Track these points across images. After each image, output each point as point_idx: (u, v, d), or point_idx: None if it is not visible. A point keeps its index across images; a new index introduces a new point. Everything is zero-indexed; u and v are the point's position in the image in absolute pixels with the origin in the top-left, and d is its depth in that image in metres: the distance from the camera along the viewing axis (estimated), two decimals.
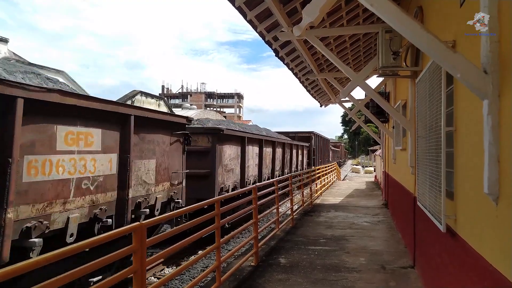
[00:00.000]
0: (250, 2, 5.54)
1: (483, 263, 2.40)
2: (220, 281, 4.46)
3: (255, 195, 5.92)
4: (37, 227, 3.93)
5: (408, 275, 5.28)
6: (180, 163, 7.22)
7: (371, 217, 10.01)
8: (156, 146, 6.38)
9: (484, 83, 2.10)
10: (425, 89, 4.08)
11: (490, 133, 2.11)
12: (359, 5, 6.97)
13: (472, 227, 2.76)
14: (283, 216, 9.02)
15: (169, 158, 6.77)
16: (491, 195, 2.15)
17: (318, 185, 15.19)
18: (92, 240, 2.40)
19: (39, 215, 4.04)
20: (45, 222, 4.07)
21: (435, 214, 3.51)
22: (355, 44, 9.46)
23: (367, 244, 7.01)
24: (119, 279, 2.58)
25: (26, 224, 3.87)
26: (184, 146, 7.38)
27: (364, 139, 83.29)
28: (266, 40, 6.90)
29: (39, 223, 3.97)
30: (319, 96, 14.00)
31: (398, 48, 5.17)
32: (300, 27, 2.75)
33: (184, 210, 4.26)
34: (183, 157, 7.37)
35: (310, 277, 5.15)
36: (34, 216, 3.97)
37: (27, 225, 3.87)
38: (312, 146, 23.63)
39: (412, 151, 5.62)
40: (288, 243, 7.04)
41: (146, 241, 2.90)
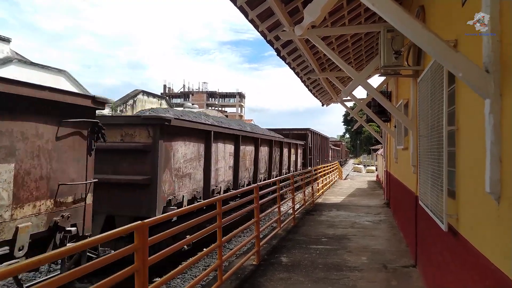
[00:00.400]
0: (251, 2, 5.55)
1: (485, 262, 2.40)
2: (221, 280, 4.47)
3: (256, 194, 5.93)
4: None
5: (409, 274, 5.29)
6: (80, 169, 4.70)
7: (373, 216, 10.01)
8: (19, 142, 3.89)
9: (486, 83, 2.10)
10: (427, 88, 4.08)
11: (492, 132, 2.11)
12: (360, 5, 6.97)
13: (474, 226, 2.76)
14: (284, 215, 9.03)
15: (55, 161, 4.32)
16: (492, 194, 2.16)
17: (320, 184, 15.17)
18: (95, 239, 2.40)
19: None
20: None
21: (437, 213, 3.52)
22: (357, 43, 9.46)
23: (368, 243, 7.02)
24: (122, 277, 2.60)
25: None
26: (90, 142, 4.88)
27: (366, 138, 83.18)
28: (267, 40, 6.91)
29: None
30: (320, 95, 14.00)
31: (400, 47, 5.17)
32: (302, 26, 2.76)
33: (180, 211, 4.23)
34: (88, 159, 4.82)
35: (311, 276, 5.16)
36: None
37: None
38: (308, 145, 21.47)
39: (414, 150, 5.61)
40: (289, 242, 7.05)
41: (148, 239, 2.92)
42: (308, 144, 21.43)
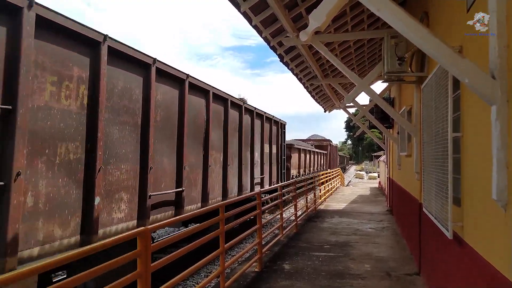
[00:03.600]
0: (255, 8, 5.56)
1: (492, 270, 2.37)
2: (224, 287, 4.43)
3: (259, 200, 5.91)
4: None
5: (413, 282, 5.23)
6: None
7: (376, 223, 9.94)
8: None
9: (493, 89, 2.09)
10: (431, 94, 4.06)
11: (498, 138, 2.09)
12: (364, 11, 6.98)
13: (480, 234, 2.73)
14: (287, 222, 8.98)
15: None
16: (499, 201, 2.13)
17: (322, 190, 15.12)
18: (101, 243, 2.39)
19: None
20: None
21: (442, 221, 3.48)
22: (360, 50, 9.47)
23: (371, 250, 6.96)
24: (125, 283, 2.57)
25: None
26: None
27: (368, 145, 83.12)
28: (271, 46, 6.92)
29: None
30: (323, 101, 14.00)
31: (403, 53, 5.17)
32: (307, 32, 2.75)
33: (188, 215, 4.20)
34: None
35: (314, 284, 5.11)
36: None
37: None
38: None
39: (418, 157, 5.58)
40: (292, 249, 7.00)
41: (150, 245, 2.90)
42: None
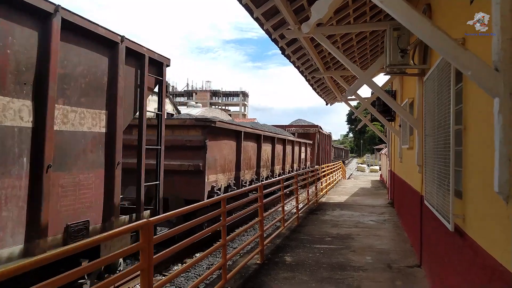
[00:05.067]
0: (257, 0, 5.52)
1: (493, 263, 2.38)
2: (226, 279, 4.46)
3: (260, 193, 5.92)
4: None
5: (414, 274, 5.26)
6: None
7: (377, 215, 9.97)
8: None
9: (496, 81, 2.07)
10: (433, 87, 4.04)
11: (501, 131, 2.08)
12: (366, 3, 6.93)
13: (482, 226, 2.74)
14: (288, 214, 9.01)
15: None
16: (501, 194, 2.13)
17: (324, 183, 15.13)
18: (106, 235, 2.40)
19: None
20: None
21: (443, 213, 3.49)
22: (362, 42, 9.41)
23: (373, 243, 6.99)
24: (127, 276, 2.59)
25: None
26: None
27: (370, 138, 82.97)
28: (272, 38, 6.88)
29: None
30: (325, 94, 13.95)
31: (406, 45, 5.14)
32: (309, 24, 2.74)
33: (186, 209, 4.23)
34: None
35: (316, 276, 5.14)
36: None
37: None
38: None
39: (420, 149, 5.57)
40: (293, 242, 7.03)
41: (153, 238, 2.91)
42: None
